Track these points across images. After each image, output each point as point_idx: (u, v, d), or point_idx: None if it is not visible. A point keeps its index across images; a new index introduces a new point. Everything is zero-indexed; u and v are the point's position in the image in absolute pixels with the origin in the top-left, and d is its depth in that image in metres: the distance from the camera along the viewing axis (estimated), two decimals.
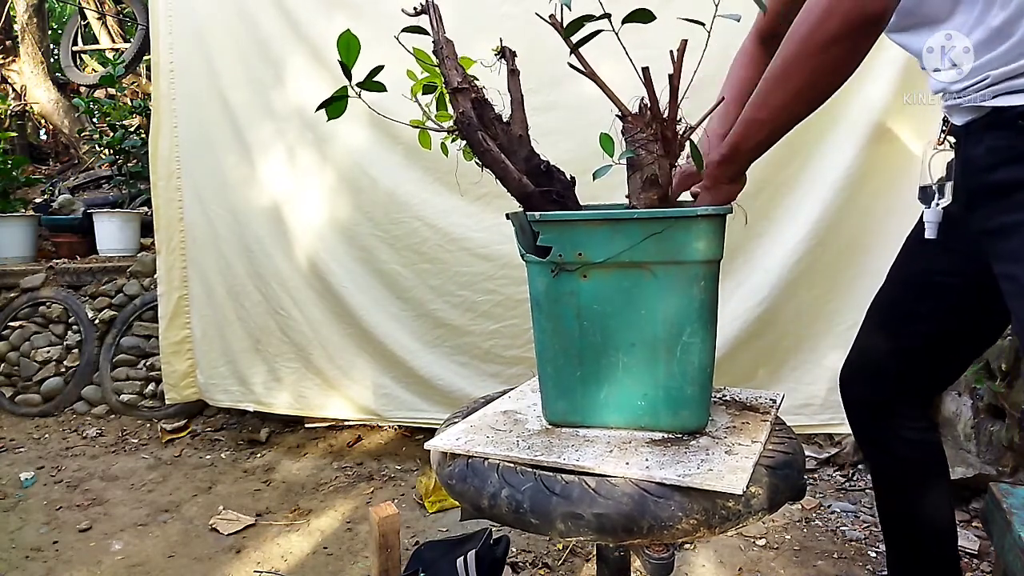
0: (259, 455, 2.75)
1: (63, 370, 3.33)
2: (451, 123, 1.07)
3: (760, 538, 2.01)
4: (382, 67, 0.97)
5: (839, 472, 2.40)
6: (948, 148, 1.07)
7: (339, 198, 2.49)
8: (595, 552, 1.36)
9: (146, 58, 4.70)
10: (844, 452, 2.42)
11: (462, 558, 1.49)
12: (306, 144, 2.50)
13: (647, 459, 0.88)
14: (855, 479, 2.36)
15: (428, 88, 1.16)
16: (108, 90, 4.85)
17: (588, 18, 0.96)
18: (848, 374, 1.32)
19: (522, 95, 1.07)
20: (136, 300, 3.27)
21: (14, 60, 5.19)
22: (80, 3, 5.50)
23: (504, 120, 1.05)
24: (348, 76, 0.99)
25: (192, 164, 2.64)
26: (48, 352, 3.34)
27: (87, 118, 4.61)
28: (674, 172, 1.01)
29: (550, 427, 1.03)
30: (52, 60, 5.36)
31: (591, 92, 1.05)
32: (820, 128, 2.04)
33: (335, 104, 1.01)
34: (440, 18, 1.03)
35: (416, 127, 1.17)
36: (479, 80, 1.05)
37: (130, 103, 4.47)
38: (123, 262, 3.40)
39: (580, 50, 1.00)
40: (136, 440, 2.95)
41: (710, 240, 0.91)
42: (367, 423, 2.85)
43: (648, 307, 0.94)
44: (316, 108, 1.02)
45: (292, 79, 2.49)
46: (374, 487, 2.44)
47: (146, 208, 3.67)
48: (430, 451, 1.01)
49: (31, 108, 5.18)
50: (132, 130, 4.09)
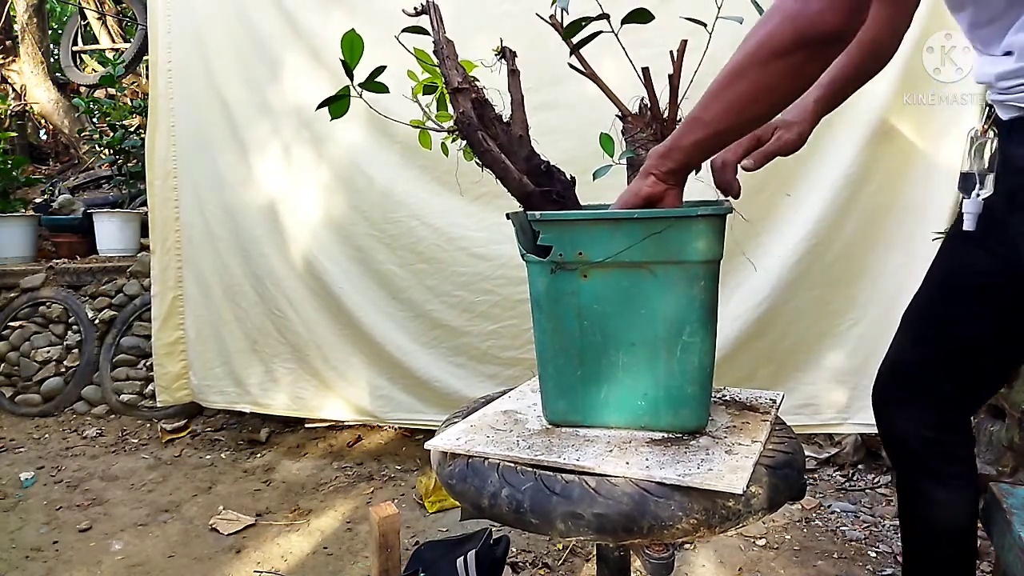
0: (259, 455, 2.75)
1: (63, 370, 3.33)
2: (451, 123, 1.07)
3: (760, 538, 2.01)
4: (384, 67, 0.98)
5: (839, 472, 2.40)
6: (993, 136, 0.99)
7: (335, 197, 2.49)
8: (595, 552, 1.36)
9: (146, 58, 4.69)
10: (844, 452, 2.42)
11: (462, 558, 1.49)
12: (303, 143, 2.50)
13: (647, 459, 0.88)
14: (855, 479, 2.36)
15: (428, 88, 1.17)
16: (108, 90, 4.85)
17: (588, 19, 0.96)
18: (882, 388, 1.21)
19: (522, 95, 1.07)
20: (136, 300, 3.27)
21: (14, 60, 5.19)
22: (80, 3, 5.50)
23: (504, 120, 1.05)
24: (350, 76, 0.99)
25: (189, 164, 2.64)
26: (48, 352, 3.34)
27: (87, 118, 4.61)
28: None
29: (550, 427, 1.03)
30: (52, 60, 5.36)
31: (591, 91, 1.05)
32: (820, 128, 2.01)
33: (337, 103, 1.02)
34: (440, 18, 1.03)
35: (416, 127, 1.17)
36: (479, 80, 1.05)
37: (130, 103, 4.47)
38: (123, 262, 3.40)
39: (581, 50, 1.00)
40: (136, 440, 2.95)
41: (710, 240, 0.91)
42: (366, 423, 2.85)
43: (648, 307, 0.94)
44: (317, 107, 1.03)
45: (289, 78, 2.48)
46: (374, 487, 2.44)
47: (146, 208, 3.66)
48: (430, 451, 1.01)
49: (31, 108, 5.18)
50: (132, 130, 4.09)
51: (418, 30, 1.05)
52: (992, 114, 0.97)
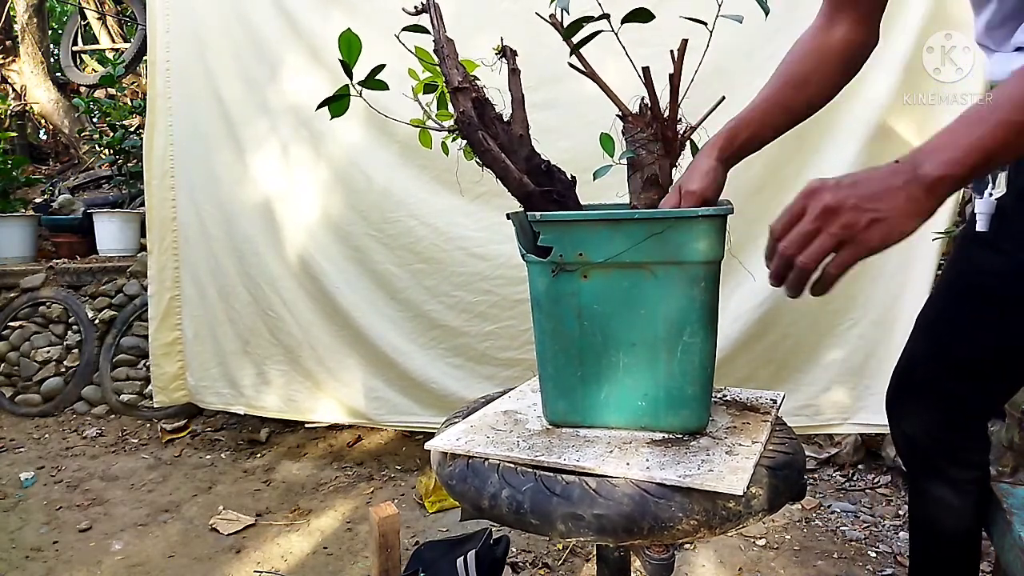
0: (259, 455, 2.75)
1: (63, 370, 3.33)
2: (451, 122, 1.07)
3: (760, 538, 2.01)
4: (383, 66, 0.97)
5: (839, 472, 2.40)
6: None
7: (333, 196, 2.47)
8: (595, 552, 1.36)
9: (146, 58, 4.69)
10: (844, 452, 2.42)
11: (462, 558, 1.49)
12: (301, 142, 2.48)
13: (647, 459, 0.88)
14: (855, 479, 2.36)
15: (429, 87, 1.16)
16: (108, 90, 4.85)
17: (588, 19, 0.96)
18: (894, 390, 1.18)
19: (523, 94, 1.07)
20: (136, 300, 3.27)
21: (14, 60, 5.19)
22: (80, 3, 5.50)
23: (505, 119, 1.04)
24: (349, 75, 0.99)
25: (186, 163, 2.63)
26: (48, 352, 3.34)
27: (87, 118, 4.61)
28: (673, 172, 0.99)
29: (550, 427, 1.03)
30: (52, 60, 5.36)
31: (592, 90, 1.05)
32: (821, 128, 2.04)
33: (337, 103, 1.01)
34: (441, 17, 1.03)
35: (417, 126, 1.16)
36: (480, 79, 1.05)
37: (130, 103, 4.47)
38: (123, 262, 3.41)
39: (581, 49, 1.00)
40: (136, 440, 2.95)
41: (711, 240, 0.91)
42: (362, 425, 2.85)
43: (649, 307, 0.94)
44: (317, 107, 1.02)
45: (288, 77, 2.47)
46: (374, 487, 2.44)
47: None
48: (430, 451, 1.01)
49: (31, 108, 5.18)
50: (132, 130, 4.09)
51: (418, 29, 1.05)
52: None
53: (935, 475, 1.12)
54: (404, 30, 1.04)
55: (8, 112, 4.98)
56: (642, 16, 0.96)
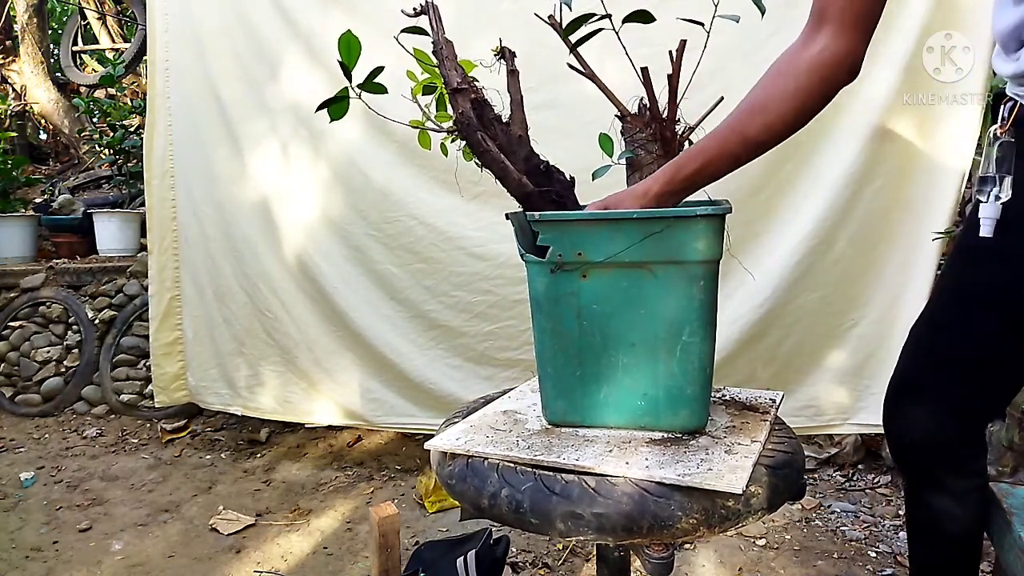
0: (259, 455, 2.75)
1: (63, 370, 3.33)
2: (451, 123, 1.07)
3: (760, 538, 2.01)
4: (382, 68, 0.98)
5: (839, 472, 2.40)
6: (1011, 137, 0.94)
7: (331, 196, 2.47)
8: (595, 552, 1.36)
9: (145, 58, 4.70)
10: (844, 452, 2.42)
11: (462, 558, 1.49)
12: (299, 141, 2.48)
13: (647, 459, 0.88)
14: (855, 479, 2.36)
15: (428, 88, 1.17)
16: (108, 90, 4.85)
17: (587, 18, 0.96)
18: (892, 401, 1.16)
19: (522, 95, 1.07)
20: (136, 300, 3.27)
21: (14, 60, 5.20)
22: (80, 3, 5.50)
23: (504, 120, 1.05)
24: (349, 77, 0.99)
25: (186, 163, 2.63)
26: (48, 352, 3.34)
27: (87, 118, 4.61)
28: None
29: (550, 427, 1.03)
30: (52, 60, 5.35)
31: (591, 91, 1.05)
32: (820, 128, 2.04)
33: (336, 105, 1.02)
34: (440, 18, 1.03)
35: (416, 127, 1.17)
36: (479, 80, 1.05)
37: (130, 103, 4.47)
38: (123, 262, 3.41)
39: (579, 50, 1.00)
40: (136, 440, 2.96)
41: (710, 240, 0.91)
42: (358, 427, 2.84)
43: (648, 307, 0.95)
44: (316, 108, 1.02)
45: (287, 77, 2.47)
46: (374, 487, 2.44)
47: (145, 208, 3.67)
48: (430, 451, 1.01)
49: (31, 108, 5.18)
50: (132, 130, 4.09)
51: (417, 30, 1.05)
52: (1014, 114, 0.93)
53: (935, 486, 1.11)
54: (403, 31, 1.04)
55: (8, 112, 4.98)
56: (643, 17, 0.96)
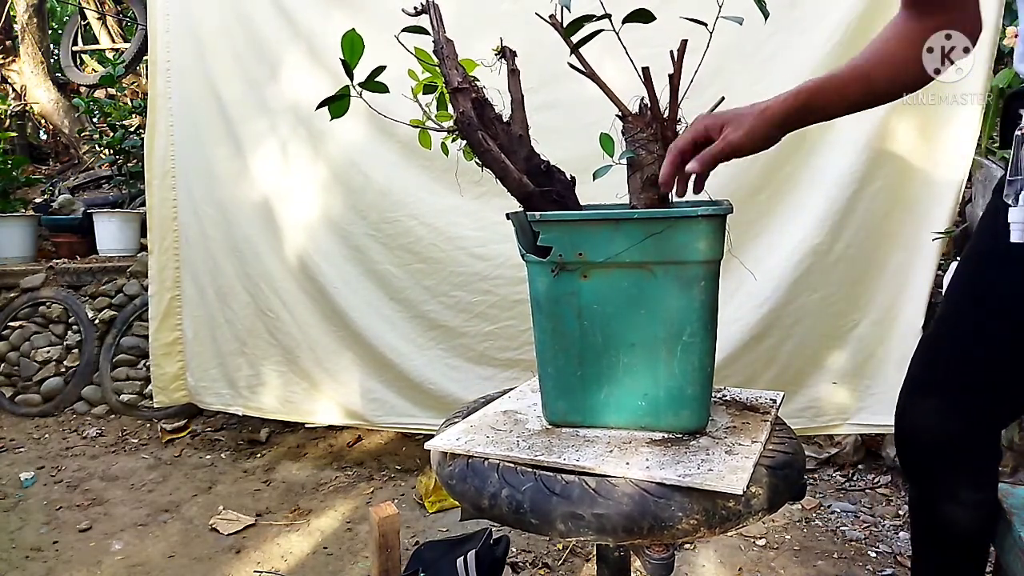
0: (259, 455, 2.75)
1: (63, 370, 3.33)
2: (451, 123, 1.07)
3: (760, 538, 2.01)
4: (384, 67, 0.97)
5: (839, 472, 2.40)
6: None
7: (331, 196, 2.47)
8: (595, 552, 1.36)
9: (146, 58, 4.70)
10: (844, 452, 2.42)
11: (462, 558, 1.49)
12: (300, 141, 2.48)
13: (647, 459, 0.88)
14: (855, 479, 2.36)
15: (428, 88, 1.16)
16: (108, 90, 4.85)
17: (588, 18, 0.96)
18: (905, 405, 1.13)
19: (522, 95, 1.07)
20: (136, 300, 3.27)
21: (14, 60, 5.19)
22: (80, 3, 5.50)
23: (504, 120, 1.05)
24: (350, 75, 0.99)
25: (187, 163, 2.63)
26: (48, 352, 3.34)
27: (87, 118, 4.61)
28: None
29: (550, 427, 1.03)
30: (52, 60, 5.35)
31: (592, 91, 1.05)
32: (820, 127, 2.04)
33: (337, 104, 1.01)
34: (440, 18, 1.03)
35: (416, 127, 1.16)
36: (479, 80, 1.05)
37: (130, 103, 4.47)
38: (123, 262, 3.40)
39: (580, 49, 1.00)
40: (136, 440, 2.95)
41: (711, 240, 0.91)
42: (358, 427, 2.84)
43: (648, 307, 0.94)
44: (317, 107, 1.02)
45: (287, 77, 2.47)
46: (374, 487, 2.44)
47: (146, 208, 3.67)
48: (430, 451, 1.01)
49: (31, 108, 5.18)
50: (132, 130, 4.09)
51: (418, 30, 1.05)
52: None
53: (946, 493, 1.09)
54: (404, 31, 1.04)
55: (8, 112, 4.98)
56: (643, 17, 0.96)
